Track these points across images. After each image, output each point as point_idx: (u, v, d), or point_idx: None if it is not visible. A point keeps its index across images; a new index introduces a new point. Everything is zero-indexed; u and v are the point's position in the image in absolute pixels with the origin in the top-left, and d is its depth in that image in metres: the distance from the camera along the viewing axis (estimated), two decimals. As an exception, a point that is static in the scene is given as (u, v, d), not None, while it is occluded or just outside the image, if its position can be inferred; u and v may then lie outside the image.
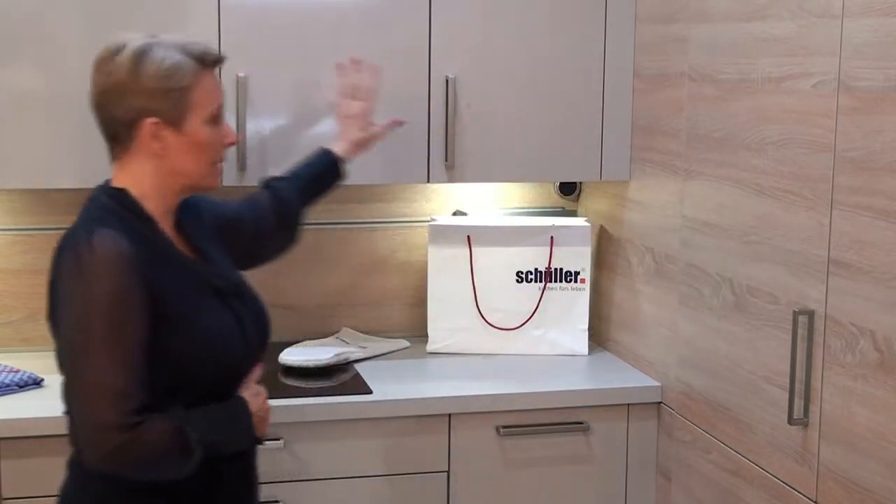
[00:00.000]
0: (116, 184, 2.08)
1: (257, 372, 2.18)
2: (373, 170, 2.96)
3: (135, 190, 2.07)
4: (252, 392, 2.14)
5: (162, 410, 1.97)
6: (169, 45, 2.04)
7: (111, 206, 2.05)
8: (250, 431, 2.11)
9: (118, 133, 2.06)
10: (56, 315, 2.01)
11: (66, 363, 1.98)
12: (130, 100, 2.02)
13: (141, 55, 2.02)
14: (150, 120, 2.03)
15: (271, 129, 2.87)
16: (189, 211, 2.20)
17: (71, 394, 1.99)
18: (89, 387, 1.94)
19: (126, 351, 1.94)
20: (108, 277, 1.93)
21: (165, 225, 2.10)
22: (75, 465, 2.09)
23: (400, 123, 2.80)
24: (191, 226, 2.19)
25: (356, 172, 2.95)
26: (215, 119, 2.09)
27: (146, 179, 2.07)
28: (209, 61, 2.08)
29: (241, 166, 2.84)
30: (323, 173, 2.63)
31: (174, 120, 2.04)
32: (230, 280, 2.17)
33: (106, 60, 2.04)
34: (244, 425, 2.10)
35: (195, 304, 2.06)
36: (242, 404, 2.10)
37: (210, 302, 2.09)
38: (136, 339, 1.95)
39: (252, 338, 2.15)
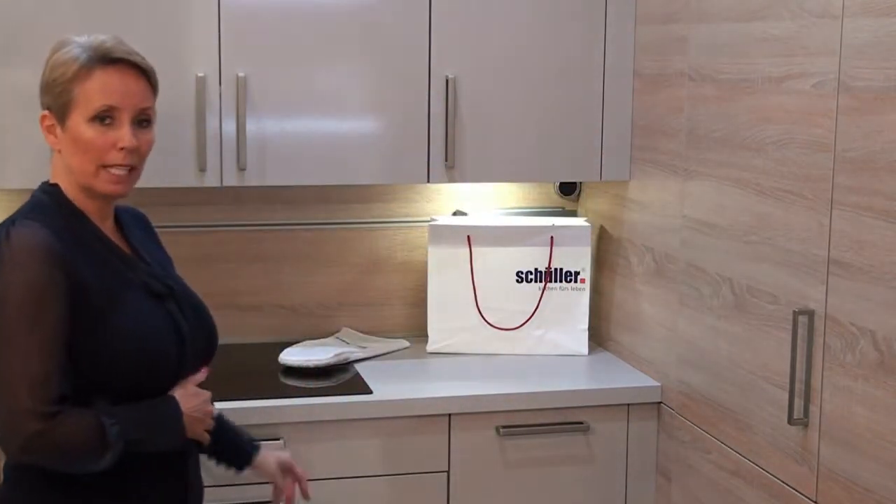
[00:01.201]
0: (52, 180, 2.10)
1: (200, 375, 2.14)
2: (373, 170, 2.96)
3: (62, 185, 2.08)
4: (188, 392, 2.10)
5: (87, 405, 1.97)
6: (82, 42, 2.04)
7: (43, 200, 2.06)
8: (179, 431, 2.06)
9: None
10: None
11: None
12: (40, 93, 2.08)
13: (54, 50, 2.05)
14: (44, 113, 2.06)
15: (271, 129, 2.87)
16: (138, 220, 2.24)
17: None
18: (7, 375, 1.93)
19: (43, 340, 1.93)
20: (24, 267, 1.93)
21: (101, 222, 2.10)
22: (9, 468, 2.08)
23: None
24: (133, 230, 2.19)
25: (356, 172, 2.95)
26: (102, 119, 2.02)
27: (62, 175, 2.08)
28: (105, 59, 2.02)
29: (242, 166, 2.84)
30: (237, 456, 2.35)
31: (60, 115, 2.04)
32: (165, 282, 2.14)
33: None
34: (172, 424, 2.05)
35: (121, 299, 2.04)
36: (172, 403, 2.06)
37: (139, 300, 2.07)
38: (54, 328, 1.94)
39: (189, 341, 2.12)
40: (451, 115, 2.94)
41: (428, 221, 3.25)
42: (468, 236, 3.18)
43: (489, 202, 3.39)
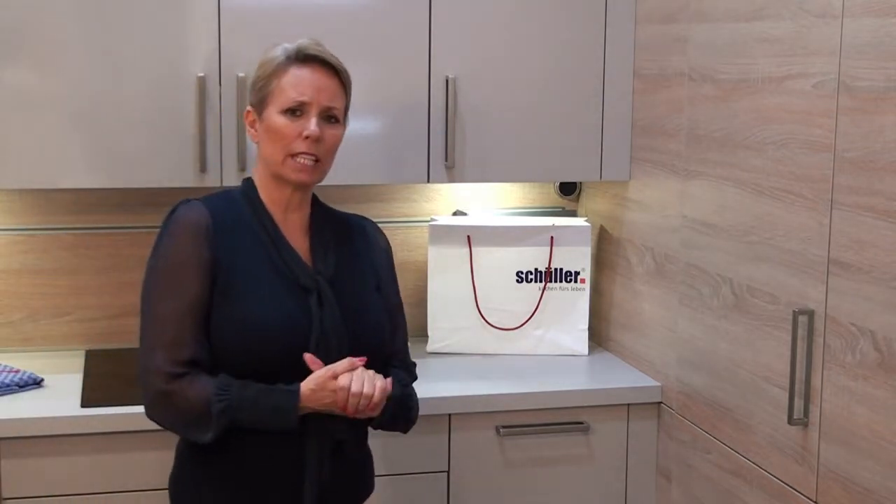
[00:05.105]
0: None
1: (358, 361, 2.17)
2: (373, 170, 2.96)
3: (256, 178, 2.28)
4: (323, 387, 2.13)
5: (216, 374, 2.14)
6: (286, 45, 2.23)
7: (234, 189, 2.29)
8: (288, 420, 2.12)
9: None
10: None
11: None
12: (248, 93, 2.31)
13: (263, 53, 2.26)
14: (248, 109, 2.28)
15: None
16: (353, 228, 2.36)
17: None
18: (145, 335, 2.15)
19: (179, 305, 2.13)
20: (174, 238, 2.16)
21: (283, 213, 2.25)
22: (179, 450, 2.26)
23: None
24: (330, 232, 2.31)
25: (356, 172, 2.95)
26: (293, 112, 2.19)
27: (259, 167, 2.28)
28: (299, 57, 2.21)
29: (242, 167, 2.84)
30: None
31: (259, 108, 2.24)
32: (314, 278, 2.21)
33: None
34: (282, 413, 2.11)
35: (253, 283, 2.17)
36: (291, 395, 2.12)
37: (277, 288, 2.18)
38: (190, 296, 2.13)
39: (318, 338, 2.17)
40: (451, 115, 2.94)
41: (428, 221, 3.25)
42: (468, 236, 3.18)
43: (489, 202, 3.39)
